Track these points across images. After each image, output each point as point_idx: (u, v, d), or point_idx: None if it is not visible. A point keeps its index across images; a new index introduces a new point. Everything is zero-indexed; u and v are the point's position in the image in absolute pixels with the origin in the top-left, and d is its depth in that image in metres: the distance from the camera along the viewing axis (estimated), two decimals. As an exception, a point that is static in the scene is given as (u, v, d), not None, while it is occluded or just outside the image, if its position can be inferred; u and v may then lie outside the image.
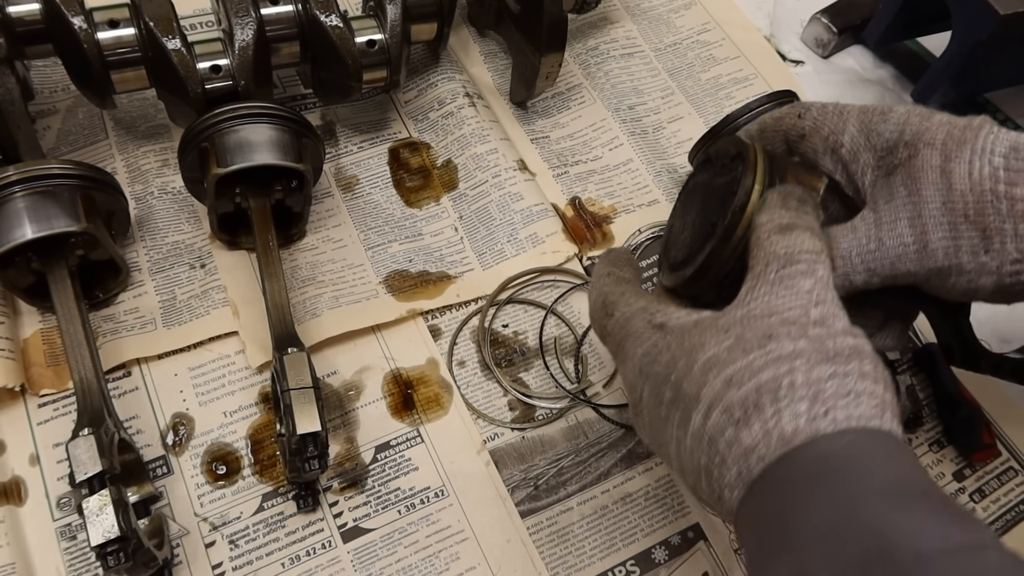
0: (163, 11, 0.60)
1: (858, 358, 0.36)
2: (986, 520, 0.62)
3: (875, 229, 0.44)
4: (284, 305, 0.58)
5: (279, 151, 0.59)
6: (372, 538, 0.56)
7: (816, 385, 0.34)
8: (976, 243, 0.42)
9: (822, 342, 0.36)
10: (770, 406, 0.35)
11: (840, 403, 0.34)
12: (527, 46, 0.71)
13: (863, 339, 0.37)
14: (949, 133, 0.43)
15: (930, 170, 0.43)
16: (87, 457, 0.48)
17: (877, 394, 0.35)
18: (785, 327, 0.37)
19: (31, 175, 0.54)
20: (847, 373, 0.35)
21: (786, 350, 0.36)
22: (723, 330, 0.38)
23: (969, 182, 0.41)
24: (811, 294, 0.38)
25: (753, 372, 0.36)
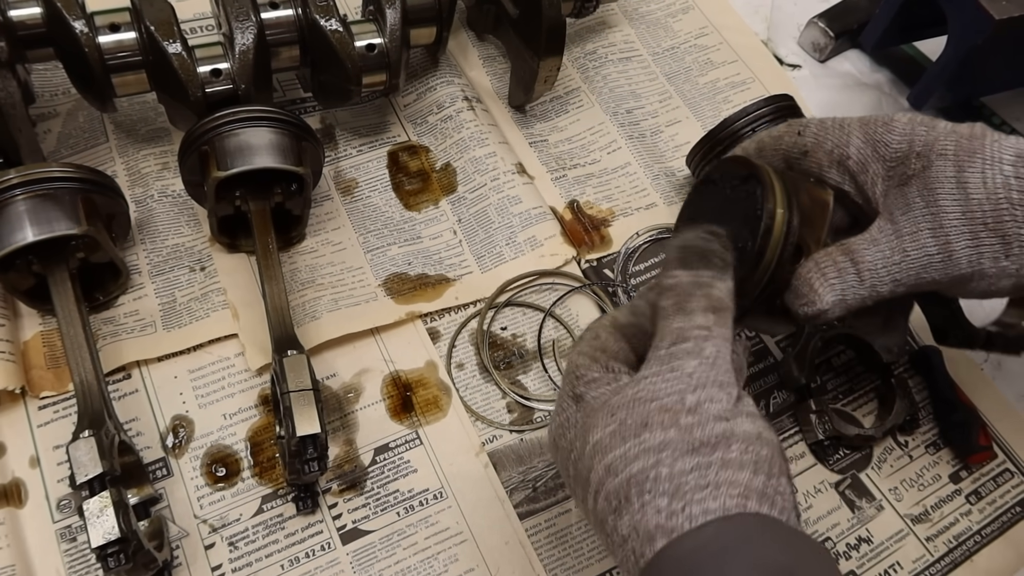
0: (164, 15, 0.61)
1: (724, 446, 0.36)
2: (982, 522, 0.62)
3: (897, 240, 0.46)
4: (284, 308, 0.58)
5: (279, 155, 0.59)
6: (371, 540, 0.56)
7: (678, 479, 0.35)
8: (997, 249, 0.44)
9: (690, 432, 0.37)
10: (636, 500, 0.36)
11: (697, 497, 0.35)
12: (526, 50, 0.71)
13: (740, 419, 0.37)
14: (958, 143, 0.45)
15: (946, 181, 0.44)
16: (87, 459, 0.48)
17: (739, 482, 0.35)
18: (660, 415, 0.37)
19: (32, 178, 0.55)
20: (709, 464, 0.35)
21: (656, 440, 0.37)
22: (610, 414, 0.39)
23: (984, 192, 0.43)
24: (692, 377, 0.38)
25: (627, 462, 0.37)
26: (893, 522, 0.61)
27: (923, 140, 0.46)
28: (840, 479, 0.62)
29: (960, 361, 0.68)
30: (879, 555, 0.60)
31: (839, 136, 0.48)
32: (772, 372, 0.67)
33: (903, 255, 0.46)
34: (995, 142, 0.44)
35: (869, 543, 0.60)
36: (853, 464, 0.63)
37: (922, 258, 0.45)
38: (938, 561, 0.60)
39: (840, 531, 0.60)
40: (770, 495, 0.35)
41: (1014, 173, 0.43)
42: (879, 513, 0.61)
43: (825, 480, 0.62)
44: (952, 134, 0.45)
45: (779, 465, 0.37)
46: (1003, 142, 0.44)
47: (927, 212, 0.45)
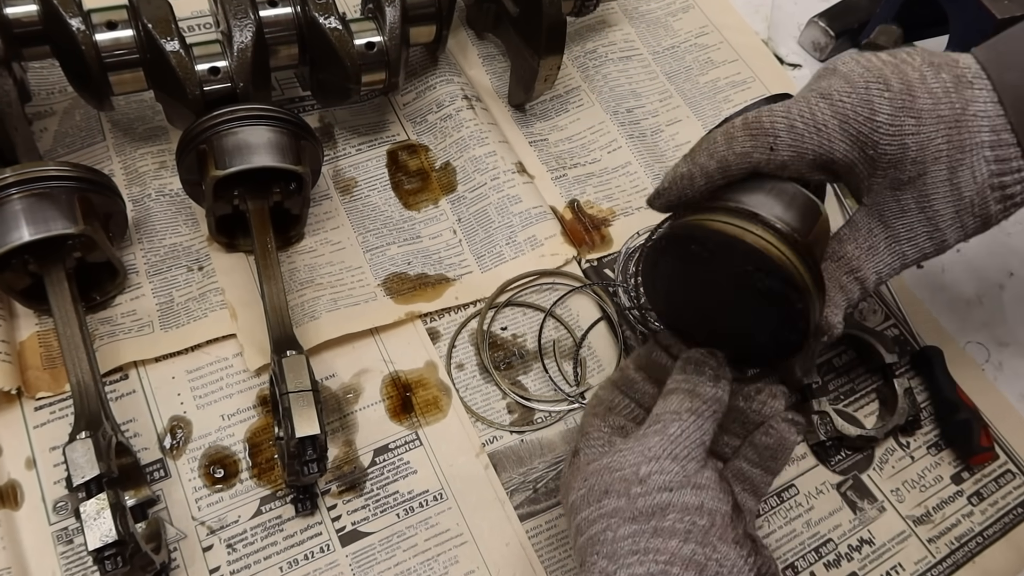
0: (161, 13, 0.60)
1: (660, 515, 0.40)
2: (984, 523, 0.62)
3: (896, 245, 0.48)
4: (282, 308, 0.57)
5: (278, 153, 0.59)
6: (370, 542, 0.56)
7: (617, 544, 0.40)
8: (979, 227, 0.48)
9: (634, 501, 0.41)
10: (589, 558, 0.41)
11: (628, 561, 0.39)
12: (526, 49, 0.71)
13: (684, 490, 0.41)
14: (949, 139, 0.45)
15: (940, 185, 0.46)
16: (84, 461, 0.48)
17: (667, 550, 0.39)
18: (619, 485, 0.42)
19: (28, 177, 0.54)
20: (643, 532, 0.40)
21: (610, 507, 0.42)
22: (584, 479, 0.44)
23: (975, 187, 0.46)
24: (650, 451, 0.43)
25: (589, 524, 0.42)
26: (895, 523, 0.61)
27: (915, 141, 0.44)
28: (842, 480, 0.62)
29: (961, 361, 0.67)
30: (881, 556, 0.60)
31: (819, 142, 0.45)
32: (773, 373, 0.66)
33: (902, 259, 0.49)
34: (974, 117, 0.44)
35: (871, 544, 0.60)
36: (855, 465, 0.63)
37: (918, 255, 0.49)
38: (940, 563, 0.60)
39: (842, 532, 0.60)
40: (701, 562, 0.39)
41: (993, 157, 0.45)
42: (881, 514, 0.61)
43: (827, 481, 0.62)
44: (940, 124, 0.44)
45: (720, 534, 0.41)
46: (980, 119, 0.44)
47: (922, 216, 0.47)
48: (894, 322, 0.70)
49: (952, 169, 0.45)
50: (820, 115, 0.45)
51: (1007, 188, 0.46)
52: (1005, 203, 0.47)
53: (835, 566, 0.59)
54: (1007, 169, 0.45)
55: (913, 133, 0.44)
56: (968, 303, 0.72)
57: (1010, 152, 0.45)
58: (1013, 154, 0.45)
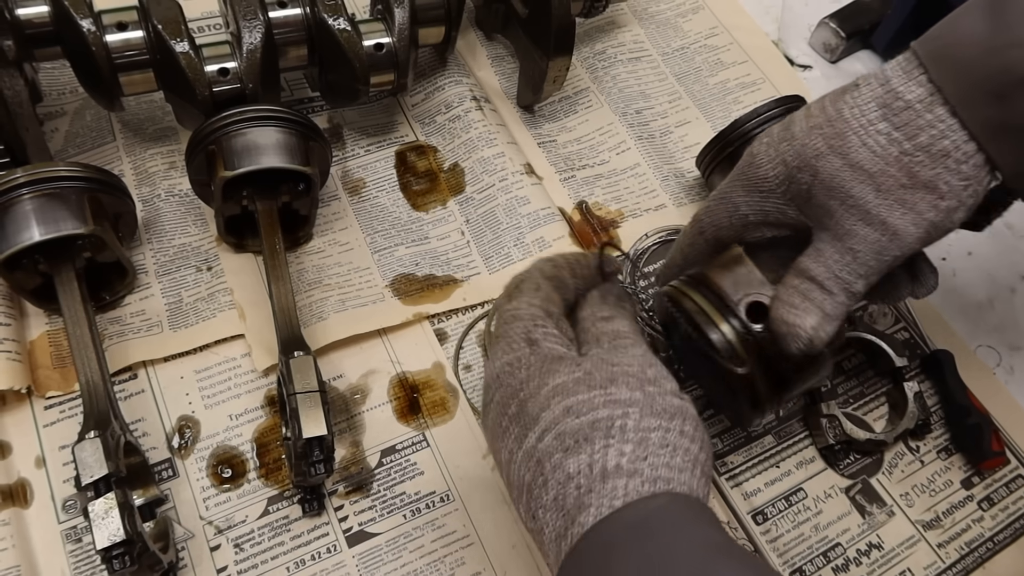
0: (171, 14, 0.60)
1: (681, 417, 0.40)
2: (995, 529, 0.61)
3: (840, 243, 0.46)
4: (290, 308, 0.57)
5: (286, 154, 0.59)
6: (377, 543, 0.56)
7: (643, 432, 0.38)
8: (930, 198, 0.43)
9: (653, 398, 0.40)
10: (600, 441, 0.38)
11: (660, 452, 0.38)
12: (535, 50, 0.70)
13: (687, 402, 0.41)
14: (824, 135, 0.45)
15: (839, 173, 0.44)
16: (93, 460, 0.48)
17: (692, 452, 0.39)
18: (625, 377, 0.41)
19: (39, 177, 0.54)
20: (670, 428, 0.39)
21: (623, 396, 0.40)
22: (576, 364, 0.42)
23: (880, 159, 0.43)
24: (643, 357, 0.43)
25: (592, 407, 0.39)
26: (904, 528, 0.61)
27: (792, 152, 0.46)
28: (851, 484, 0.62)
29: (972, 365, 0.67)
30: (890, 561, 0.59)
31: (727, 211, 0.51)
32: (782, 375, 0.66)
33: (852, 254, 0.45)
34: (853, 108, 0.44)
35: (880, 549, 0.60)
36: (864, 469, 0.62)
37: (870, 247, 0.45)
38: (950, 568, 0.59)
39: (850, 537, 0.60)
40: (708, 473, 0.40)
41: (891, 126, 0.43)
42: (890, 519, 0.61)
43: (835, 485, 0.62)
44: (812, 131, 0.45)
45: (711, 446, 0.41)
46: (860, 102, 0.44)
47: (845, 207, 0.44)
48: (904, 325, 0.69)
49: (842, 154, 0.44)
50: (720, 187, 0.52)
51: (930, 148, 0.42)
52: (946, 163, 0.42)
53: (844, 570, 0.59)
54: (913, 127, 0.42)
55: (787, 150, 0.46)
56: (979, 306, 0.72)
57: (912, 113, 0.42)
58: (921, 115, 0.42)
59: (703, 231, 0.53)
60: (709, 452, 0.40)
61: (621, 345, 0.44)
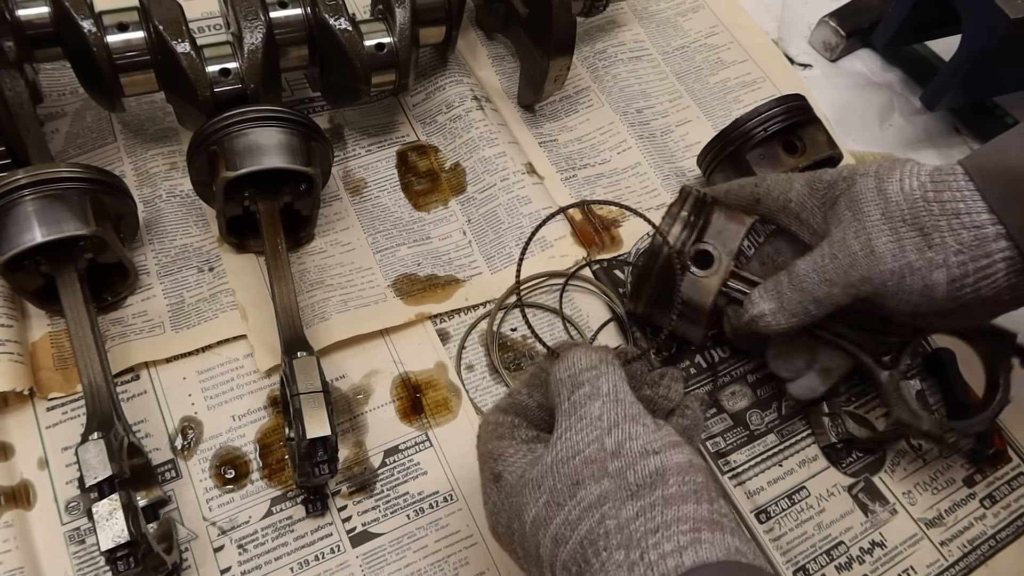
0: (172, 14, 0.60)
1: (661, 482, 0.36)
2: (997, 526, 0.61)
3: (828, 247, 0.52)
4: (293, 309, 0.57)
5: (288, 155, 0.59)
6: (381, 543, 0.56)
7: (626, 528, 0.35)
8: (919, 241, 0.48)
9: (623, 476, 0.36)
10: (595, 559, 0.35)
11: (651, 542, 0.34)
12: (536, 49, 0.70)
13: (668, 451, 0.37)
14: (879, 166, 0.51)
15: (867, 191, 0.50)
16: (97, 461, 0.48)
17: (688, 517, 0.35)
18: (588, 468, 0.37)
19: (40, 178, 0.54)
20: (652, 505, 0.35)
21: (593, 496, 0.36)
22: (537, 485, 0.39)
23: (902, 195, 0.49)
24: (601, 420, 0.39)
25: (572, 527, 0.36)
26: (907, 526, 0.61)
27: (849, 170, 0.53)
28: (853, 482, 0.62)
29: (974, 364, 0.67)
30: (893, 559, 0.59)
31: (784, 185, 0.57)
32: (784, 374, 0.66)
33: (832, 258, 0.51)
34: (915, 165, 0.50)
35: (882, 547, 0.60)
36: (866, 467, 0.62)
37: (847, 256, 0.50)
38: (953, 565, 0.59)
39: (853, 535, 0.60)
40: (717, 520, 0.35)
41: (929, 178, 0.49)
42: (892, 517, 0.61)
43: (838, 483, 0.62)
44: (874, 164, 0.52)
45: (714, 487, 0.37)
46: (920, 165, 0.50)
47: (852, 220, 0.51)
48: (906, 323, 0.69)
49: (879, 179, 0.50)
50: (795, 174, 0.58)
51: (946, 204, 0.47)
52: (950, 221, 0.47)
53: (847, 568, 0.59)
54: (944, 187, 0.48)
55: (849, 168, 0.53)
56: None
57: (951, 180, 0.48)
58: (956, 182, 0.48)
59: (756, 189, 0.58)
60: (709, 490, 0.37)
61: (578, 400, 0.40)
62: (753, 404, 0.64)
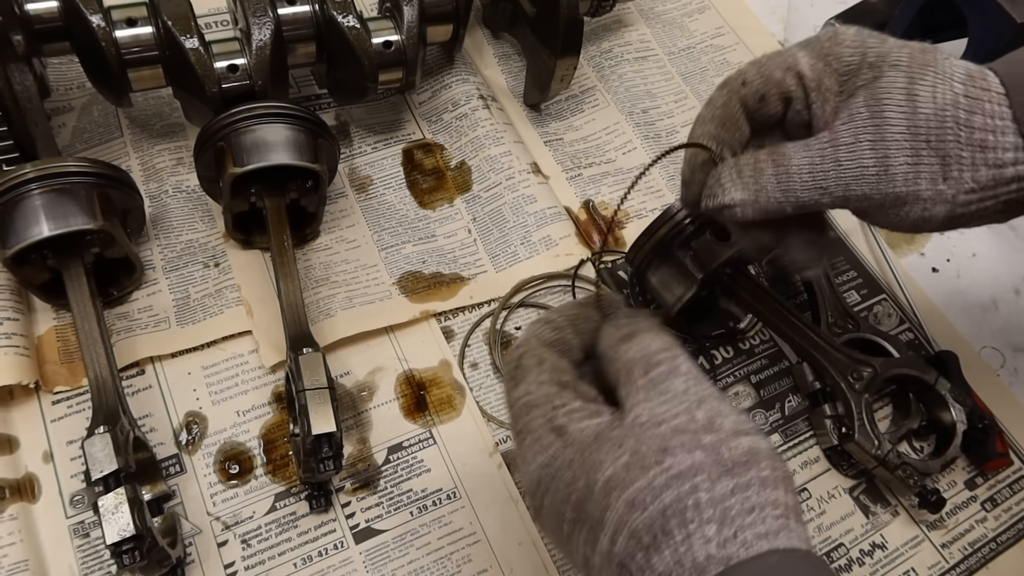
0: (181, 10, 0.60)
1: (755, 463, 0.35)
2: (998, 529, 0.61)
3: (832, 149, 0.43)
4: (299, 305, 0.58)
5: (295, 151, 0.59)
6: (384, 539, 0.56)
7: (721, 503, 0.33)
8: (936, 170, 0.42)
9: (717, 451, 0.35)
10: (679, 531, 0.33)
11: (747, 521, 0.33)
12: (542, 49, 0.70)
13: (755, 434, 0.36)
14: (912, 56, 0.43)
15: (895, 91, 0.42)
16: (103, 455, 0.48)
17: (779, 501, 0.34)
18: (678, 437, 0.35)
19: (48, 172, 0.54)
20: (748, 484, 0.34)
21: (684, 464, 0.34)
22: (617, 444, 0.36)
23: (933, 106, 0.41)
24: (688, 394, 0.37)
25: (655, 493, 0.34)
26: (908, 528, 0.61)
27: (876, 52, 0.43)
28: (854, 484, 0.62)
29: (976, 367, 0.67)
30: (893, 561, 0.60)
31: (784, 59, 0.45)
32: (786, 376, 0.66)
33: (835, 164, 0.43)
34: (946, 59, 0.43)
35: (883, 549, 0.60)
36: (867, 469, 0.63)
37: (856, 168, 0.43)
38: (953, 568, 0.60)
39: (854, 537, 0.60)
40: (799, 511, 0.35)
41: (963, 92, 0.41)
42: (894, 519, 0.61)
43: (839, 485, 0.62)
44: (905, 47, 0.43)
45: (792, 478, 0.36)
46: (954, 60, 0.43)
47: (871, 123, 0.42)
48: (909, 326, 0.70)
49: (911, 78, 0.42)
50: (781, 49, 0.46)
51: (975, 132, 0.41)
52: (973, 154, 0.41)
53: (847, 570, 0.59)
54: (977, 109, 0.41)
55: (875, 48, 0.43)
56: (984, 308, 0.72)
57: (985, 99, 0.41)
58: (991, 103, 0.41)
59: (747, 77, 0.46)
60: (791, 482, 0.35)
61: (657, 378, 0.38)
62: (756, 404, 0.65)
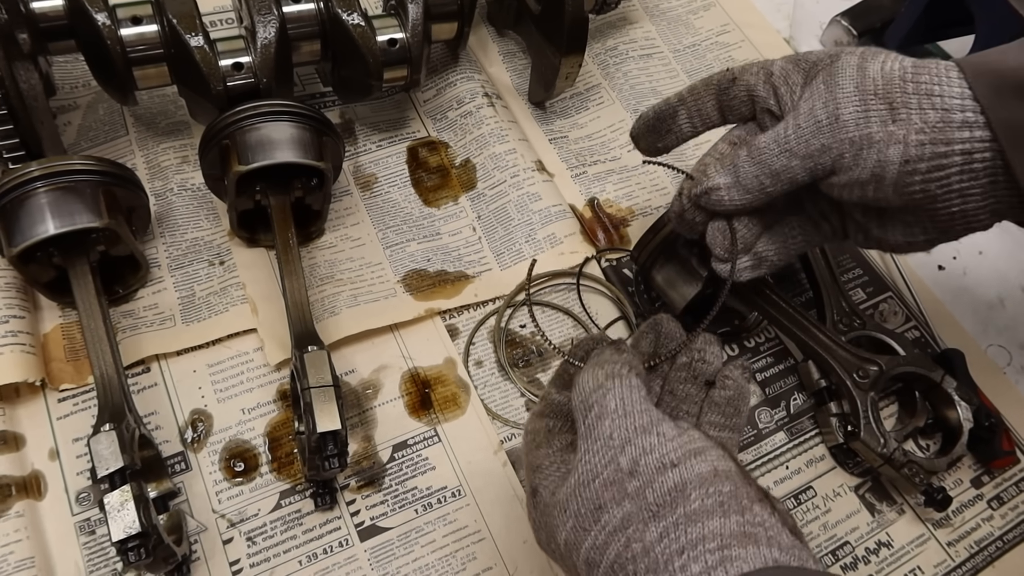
0: (186, 8, 0.60)
1: (682, 499, 0.35)
2: (1004, 528, 0.61)
3: (792, 119, 0.49)
4: (304, 303, 0.58)
5: (300, 149, 0.59)
6: (389, 537, 0.56)
7: (652, 551, 0.34)
8: (884, 113, 0.46)
9: (643, 497, 0.36)
10: None
11: (677, 564, 0.33)
12: (547, 46, 0.70)
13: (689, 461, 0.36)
14: (867, 49, 0.49)
15: (848, 67, 0.48)
16: (109, 453, 0.48)
17: (713, 533, 0.34)
18: (608, 491, 0.37)
19: (54, 171, 0.55)
20: (676, 525, 0.34)
21: (616, 520, 0.36)
22: (563, 510, 0.38)
23: (881, 73, 0.47)
24: (613, 439, 0.38)
25: (600, 551, 0.36)
26: (914, 526, 0.61)
27: (837, 49, 0.50)
28: (860, 482, 0.62)
29: (983, 365, 0.67)
30: (899, 559, 0.59)
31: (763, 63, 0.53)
32: (791, 374, 0.66)
33: (795, 129, 0.48)
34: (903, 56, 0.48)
35: (889, 547, 0.60)
36: (873, 467, 0.62)
37: (811, 125, 0.48)
38: (960, 566, 0.59)
39: (859, 535, 0.60)
40: (750, 533, 0.34)
41: (912, 64, 0.46)
42: (899, 517, 0.61)
43: (844, 484, 0.62)
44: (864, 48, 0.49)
45: (747, 493, 0.36)
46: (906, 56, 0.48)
47: (825, 91, 0.48)
48: (915, 324, 0.69)
49: (863, 58, 0.48)
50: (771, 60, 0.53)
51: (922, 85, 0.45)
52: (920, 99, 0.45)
53: (852, 569, 0.59)
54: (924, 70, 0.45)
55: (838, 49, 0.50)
56: (990, 306, 0.72)
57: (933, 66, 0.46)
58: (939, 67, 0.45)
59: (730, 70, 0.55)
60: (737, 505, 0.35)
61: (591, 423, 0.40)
62: (762, 403, 0.65)
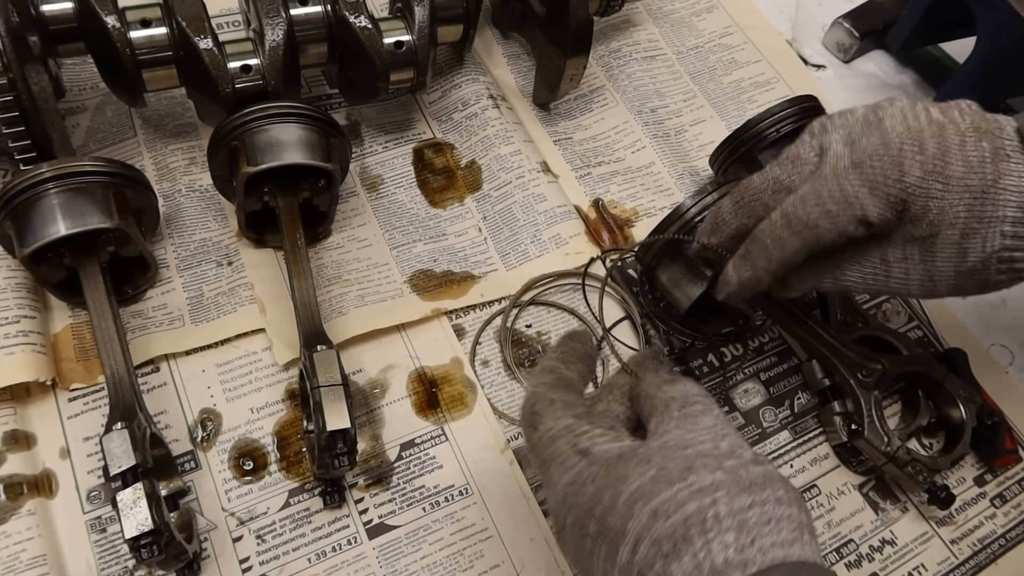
0: (195, 11, 0.61)
1: (771, 485, 0.38)
2: (1007, 526, 0.62)
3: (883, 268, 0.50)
4: (312, 303, 0.58)
5: (308, 151, 0.60)
6: (397, 535, 0.56)
7: (740, 515, 0.36)
8: (976, 289, 0.49)
9: (737, 473, 0.38)
10: (699, 538, 0.35)
11: (764, 531, 0.36)
12: (552, 48, 0.71)
13: (771, 466, 0.39)
14: (970, 209, 0.46)
15: (948, 246, 0.47)
16: (121, 451, 0.49)
17: (794, 517, 0.37)
18: (702, 459, 0.39)
19: (65, 172, 0.55)
20: (764, 501, 0.37)
21: (706, 482, 0.37)
22: (645, 461, 0.39)
23: (982, 255, 0.47)
24: (715, 429, 0.41)
25: (679, 504, 0.37)
26: (917, 524, 0.61)
27: (937, 205, 0.47)
28: (864, 481, 0.62)
29: (985, 364, 0.67)
30: (903, 557, 0.60)
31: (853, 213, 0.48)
32: (796, 373, 0.67)
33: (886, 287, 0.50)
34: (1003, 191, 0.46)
35: (893, 545, 0.60)
36: (877, 466, 0.63)
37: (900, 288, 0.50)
38: (962, 564, 0.60)
39: (863, 533, 0.60)
40: (809, 527, 0.37)
41: (1012, 232, 0.46)
42: (903, 515, 0.61)
43: (848, 482, 0.62)
44: (965, 193, 0.46)
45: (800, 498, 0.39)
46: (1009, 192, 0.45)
47: (921, 266, 0.49)
48: (918, 323, 0.70)
49: (964, 235, 0.47)
50: (850, 189, 0.48)
51: (1016, 263, 0.46)
52: (1009, 275, 0.47)
53: (856, 566, 0.59)
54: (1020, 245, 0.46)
55: (938, 198, 0.47)
56: (992, 305, 0.72)
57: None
58: None
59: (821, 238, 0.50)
60: (806, 508, 0.38)
61: (691, 413, 0.42)
62: (766, 401, 0.65)
